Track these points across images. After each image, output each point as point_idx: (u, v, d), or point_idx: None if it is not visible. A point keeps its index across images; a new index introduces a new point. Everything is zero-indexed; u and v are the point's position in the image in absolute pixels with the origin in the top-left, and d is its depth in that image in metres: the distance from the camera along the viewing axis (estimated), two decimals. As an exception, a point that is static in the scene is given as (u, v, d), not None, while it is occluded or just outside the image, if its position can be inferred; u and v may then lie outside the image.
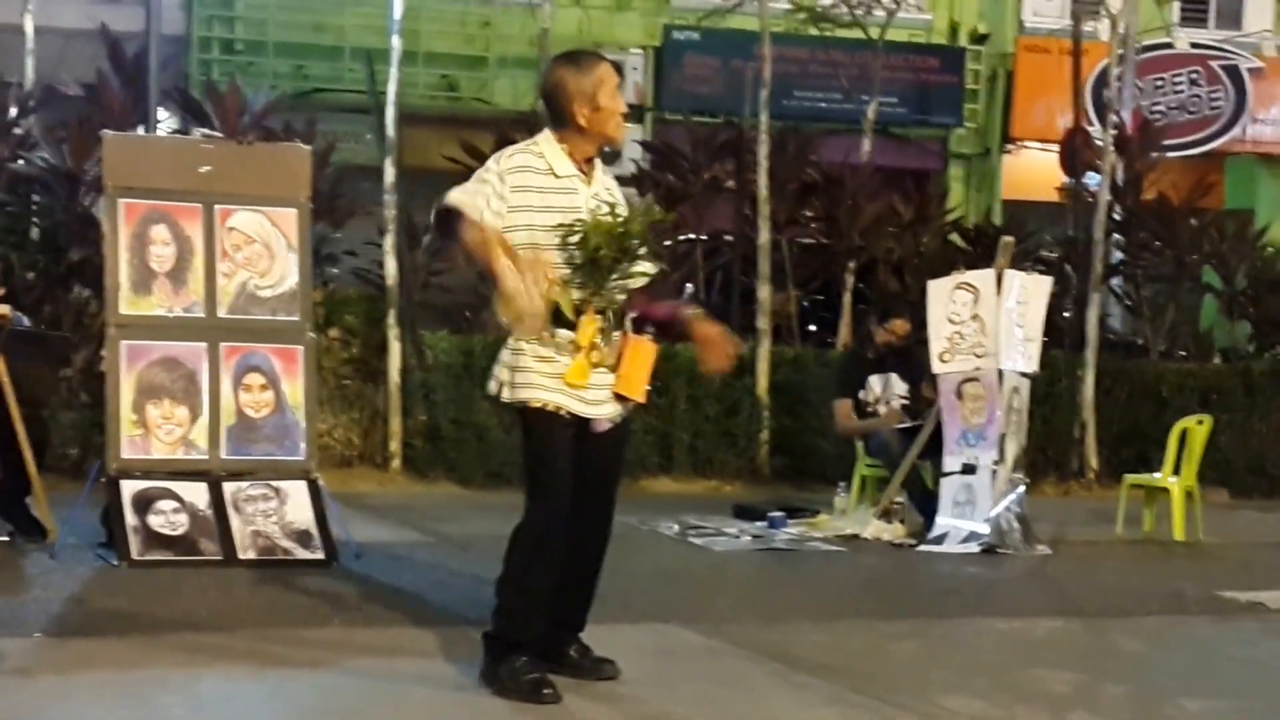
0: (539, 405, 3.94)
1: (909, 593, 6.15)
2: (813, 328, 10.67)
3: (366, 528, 6.58)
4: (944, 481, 7.09)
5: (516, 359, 3.97)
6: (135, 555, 5.59)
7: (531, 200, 3.94)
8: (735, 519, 7.62)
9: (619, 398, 4.02)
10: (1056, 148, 12.46)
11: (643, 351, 4.03)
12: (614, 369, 4.00)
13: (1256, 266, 10.71)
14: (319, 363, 7.46)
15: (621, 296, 4.02)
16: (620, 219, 3.91)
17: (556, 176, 3.97)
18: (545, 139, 4.02)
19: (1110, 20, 10.27)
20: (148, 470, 5.82)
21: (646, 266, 4.04)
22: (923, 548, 6.92)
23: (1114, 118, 10.22)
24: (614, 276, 3.94)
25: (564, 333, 3.94)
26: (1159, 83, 14.16)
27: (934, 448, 7.15)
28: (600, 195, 4.01)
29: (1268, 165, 14.94)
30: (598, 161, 4.07)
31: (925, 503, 7.21)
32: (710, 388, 9.09)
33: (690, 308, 4.30)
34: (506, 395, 3.99)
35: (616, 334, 4.01)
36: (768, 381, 9.25)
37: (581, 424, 3.99)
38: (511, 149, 4.07)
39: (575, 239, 3.89)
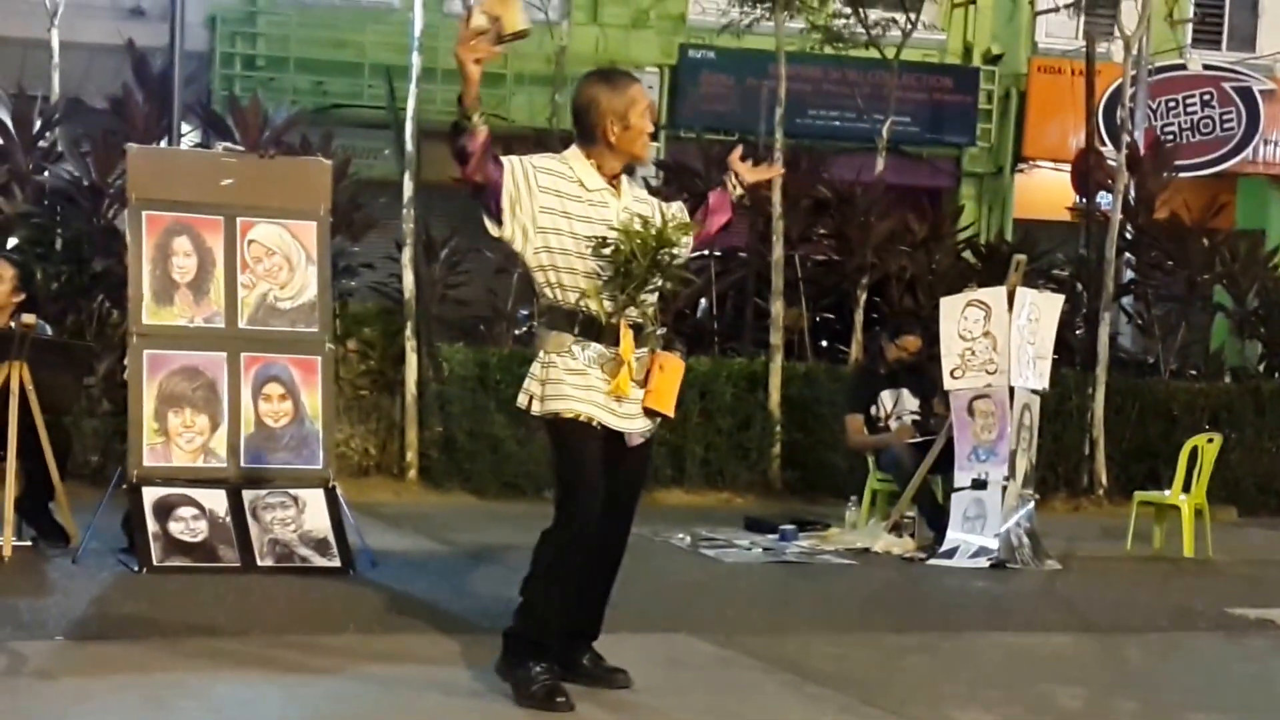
0: (571, 416, 3.95)
1: (919, 606, 6.16)
2: (825, 343, 10.70)
3: (382, 536, 6.64)
4: (954, 496, 7.12)
5: (547, 372, 3.99)
6: (155, 561, 5.65)
7: (569, 208, 3.97)
8: (747, 531, 7.66)
9: (649, 413, 4.05)
10: (1069, 167, 12.51)
11: (672, 367, 4.06)
12: (643, 384, 4.02)
13: (1268, 287, 10.69)
14: (337, 374, 7.53)
15: (651, 309, 4.05)
16: (653, 230, 3.94)
17: (586, 189, 4.00)
18: (573, 154, 4.05)
19: (1123, 41, 10.29)
20: (168, 477, 5.87)
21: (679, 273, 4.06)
22: (933, 562, 6.94)
23: (1126, 138, 10.25)
24: (647, 288, 3.97)
25: (595, 346, 3.97)
26: (1172, 104, 14.17)
27: (945, 463, 7.18)
28: (631, 207, 4.04)
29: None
30: (624, 176, 4.10)
31: (936, 517, 7.24)
32: (723, 402, 9.14)
33: (723, 184, 4.27)
34: (537, 408, 4.00)
35: (644, 350, 4.02)
36: (780, 396, 9.29)
37: (610, 438, 4.01)
38: (539, 155, 4.09)
39: (608, 250, 3.92)
